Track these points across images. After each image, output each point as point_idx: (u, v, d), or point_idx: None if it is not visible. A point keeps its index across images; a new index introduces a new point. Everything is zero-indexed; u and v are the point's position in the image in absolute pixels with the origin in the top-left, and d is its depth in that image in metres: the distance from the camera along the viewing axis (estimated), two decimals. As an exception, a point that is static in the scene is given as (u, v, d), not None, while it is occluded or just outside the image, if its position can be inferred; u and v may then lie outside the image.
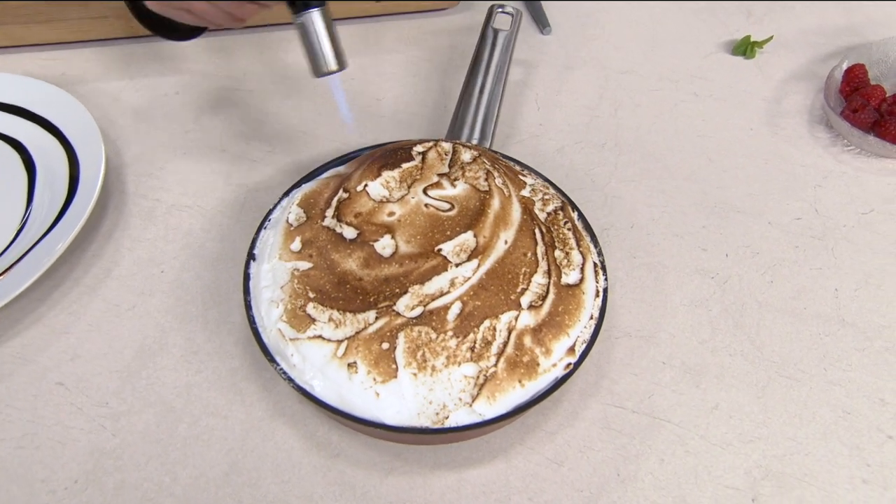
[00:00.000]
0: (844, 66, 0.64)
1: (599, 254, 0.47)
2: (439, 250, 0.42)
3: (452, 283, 0.41)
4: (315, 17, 0.43)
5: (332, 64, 0.45)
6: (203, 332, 0.48)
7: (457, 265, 0.42)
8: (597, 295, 0.44)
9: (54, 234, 0.50)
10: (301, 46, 0.45)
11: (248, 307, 0.43)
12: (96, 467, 0.42)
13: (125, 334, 0.47)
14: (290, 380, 0.39)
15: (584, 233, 0.48)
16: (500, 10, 0.63)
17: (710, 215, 0.57)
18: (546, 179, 0.51)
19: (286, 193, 0.49)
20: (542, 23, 0.73)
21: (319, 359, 0.39)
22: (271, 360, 0.40)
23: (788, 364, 0.48)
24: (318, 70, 0.45)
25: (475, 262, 0.42)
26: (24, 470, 0.41)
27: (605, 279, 0.45)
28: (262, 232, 0.46)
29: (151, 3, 0.47)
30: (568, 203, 0.49)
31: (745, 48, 0.71)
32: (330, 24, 0.44)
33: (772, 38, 0.71)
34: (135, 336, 0.47)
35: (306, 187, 0.48)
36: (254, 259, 0.45)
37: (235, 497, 0.41)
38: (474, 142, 0.55)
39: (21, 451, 0.42)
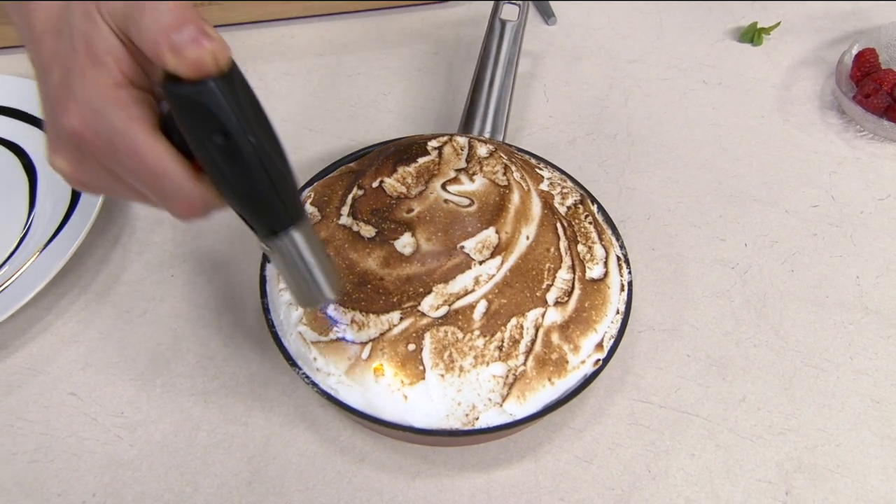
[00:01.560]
0: (855, 51, 0.64)
1: (622, 247, 0.46)
2: (462, 248, 0.41)
3: (477, 282, 0.40)
4: (296, 239, 0.31)
5: (326, 292, 0.33)
6: (218, 336, 0.46)
7: (480, 263, 0.41)
8: (622, 289, 0.43)
9: (59, 241, 0.48)
10: (279, 273, 0.36)
11: (267, 310, 0.41)
12: (114, 479, 0.40)
13: (137, 341, 0.46)
14: (314, 384, 0.38)
15: (605, 226, 0.47)
16: (506, 1, 0.61)
17: (726, 204, 0.56)
18: (563, 172, 0.50)
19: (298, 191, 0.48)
20: (546, 13, 0.72)
21: (343, 362, 0.38)
22: (293, 364, 0.39)
23: (814, 354, 0.47)
24: (308, 301, 0.35)
25: (498, 259, 0.41)
26: (39, 484, 0.40)
27: (630, 272, 0.44)
28: (277, 233, 0.45)
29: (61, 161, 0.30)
30: (587, 196, 0.48)
31: (753, 35, 0.70)
32: (314, 241, 0.32)
33: (779, 24, 0.71)
34: (147, 343, 0.46)
35: (318, 185, 0.47)
36: (269, 261, 0.44)
37: (260, 506, 0.40)
38: (486, 135, 0.54)
39: (35, 465, 0.41)
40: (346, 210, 0.44)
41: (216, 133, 0.26)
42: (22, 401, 0.43)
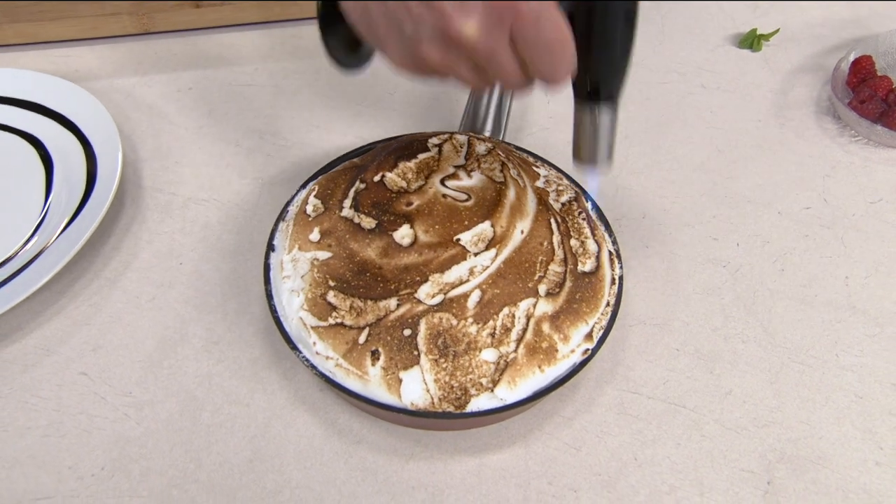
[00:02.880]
0: (852, 58, 0.65)
1: (614, 243, 0.47)
2: (458, 240, 0.43)
3: (471, 272, 0.42)
4: (608, 111, 0.40)
5: (604, 160, 0.41)
6: (223, 322, 0.48)
7: (475, 254, 0.42)
8: (612, 283, 0.45)
9: (73, 228, 0.50)
10: (575, 128, 0.41)
11: (270, 297, 0.43)
12: (122, 455, 0.42)
13: (146, 325, 0.48)
14: (313, 367, 0.40)
15: (598, 222, 0.48)
16: (509, 3, 0.63)
17: (720, 205, 0.57)
18: (559, 170, 0.52)
19: (303, 185, 0.49)
20: (550, 17, 0.73)
21: (341, 346, 0.40)
22: (294, 348, 0.41)
23: (800, 350, 0.48)
24: (587, 159, 0.42)
25: (493, 251, 0.43)
26: (51, 458, 0.42)
27: (621, 267, 0.46)
28: (280, 223, 0.47)
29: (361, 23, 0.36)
30: (581, 193, 0.50)
31: (752, 41, 0.72)
32: (615, 121, 0.40)
33: (778, 31, 0.72)
34: (155, 327, 0.48)
35: (322, 179, 0.49)
36: (273, 249, 0.46)
37: (259, 483, 0.41)
38: (487, 134, 0.55)
39: (47, 440, 0.43)
40: (348, 203, 0.46)
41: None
42: (36, 379, 0.45)
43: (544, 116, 0.64)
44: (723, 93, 0.67)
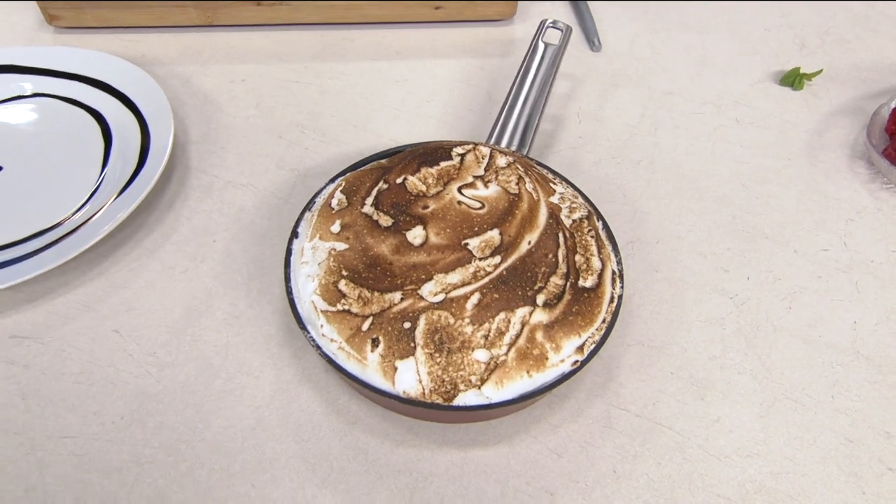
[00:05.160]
0: (893, 104, 0.65)
1: (619, 263, 0.49)
2: (465, 244, 0.45)
3: (475, 276, 0.44)
4: None
5: None
6: (245, 299, 0.52)
7: (480, 259, 0.45)
8: (612, 301, 0.46)
9: (123, 199, 0.55)
10: None
11: (287, 279, 0.46)
12: (140, 408, 0.46)
13: (176, 294, 0.52)
14: (318, 347, 0.43)
15: (606, 242, 0.50)
16: (550, 25, 0.65)
17: (736, 238, 0.58)
18: (576, 189, 0.54)
19: (332, 180, 0.53)
20: (592, 40, 0.75)
21: (346, 331, 0.43)
22: (303, 328, 0.44)
23: (796, 388, 0.49)
24: None
25: (498, 258, 0.45)
26: (79, 402, 0.46)
27: (622, 287, 0.47)
28: (307, 213, 0.50)
29: None
30: (594, 213, 0.52)
31: (794, 79, 0.72)
32: None
33: (821, 71, 0.72)
34: (184, 296, 0.52)
35: (350, 175, 0.52)
36: (296, 236, 0.49)
37: (259, 448, 0.45)
38: (513, 148, 0.58)
39: (78, 386, 0.47)
40: (370, 200, 0.49)
41: None
42: (74, 331, 0.50)
43: (574, 136, 0.66)
44: (756, 128, 0.68)
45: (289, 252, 0.48)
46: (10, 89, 0.63)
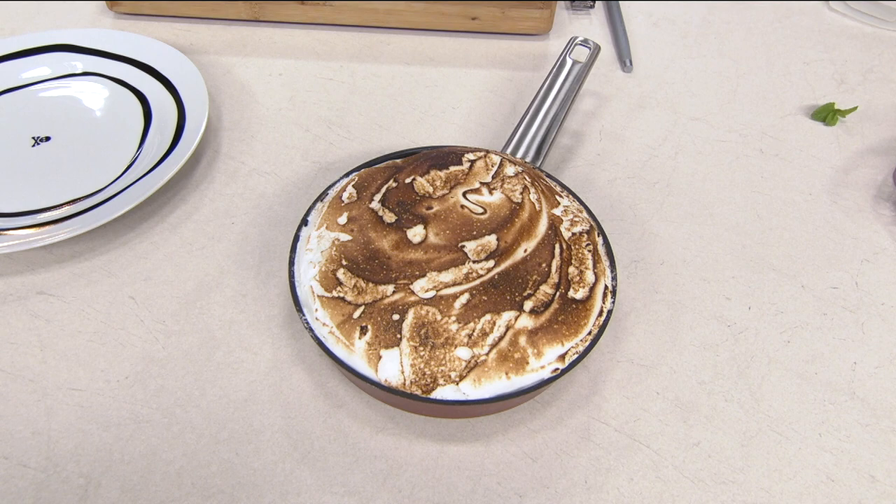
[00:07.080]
0: (924, 148, 0.63)
1: (614, 279, 0.50)
2: (462, 246, 0.47)
3: (467, 277, 0.46)
4: None
5: None
6: (254, 280, 0.55)
7: (474, 262, 0.46)
8: (600, 314, 0.47)
9: (152, 176, 0.58)
10: None
11: (291, 263, 0.49)
12: (144, 370, 0.49)
13: (191, 268, 0.55)
14: (310, 329, 0.45)
15: (604, 257, 0.51)
16: (580, 42, 0.67)
17: (742, 268, 0.58)
18: (582, 203, 0.55)
19: (347, 174, 0.55)
20: (624, 60, 0.76)
21: (338, 317, 0.45)
22: (299, 310, 0.46)
23: (783, 421, 0.49)
24: None
25: (492, 262, 0.46)
26: (90, 359, 0.50)
27: (613, 302, 0.48)
28: (318, 203, 0.53)
29: None
30: (596, 228, 0.52)
31: (827, 115, 0.71)
32: None
33: (856, 108, 0.71)
34: (198, 272, 0.55)
35: (363, 172, 0.54)
36: (305, 224, 0.52)
37: (247, 420, 0.47)
38: (527, 160, 0.59)
39: (91, 344, 0.50)
40: (378, 197, 0.51)
41: None
42: (95, 294, 0.54)
43: (593, 153, 0.67)
44: (780, 160, 0.67)
45: (296, 238, 0.51)
46: (64, 67, 0.68)
